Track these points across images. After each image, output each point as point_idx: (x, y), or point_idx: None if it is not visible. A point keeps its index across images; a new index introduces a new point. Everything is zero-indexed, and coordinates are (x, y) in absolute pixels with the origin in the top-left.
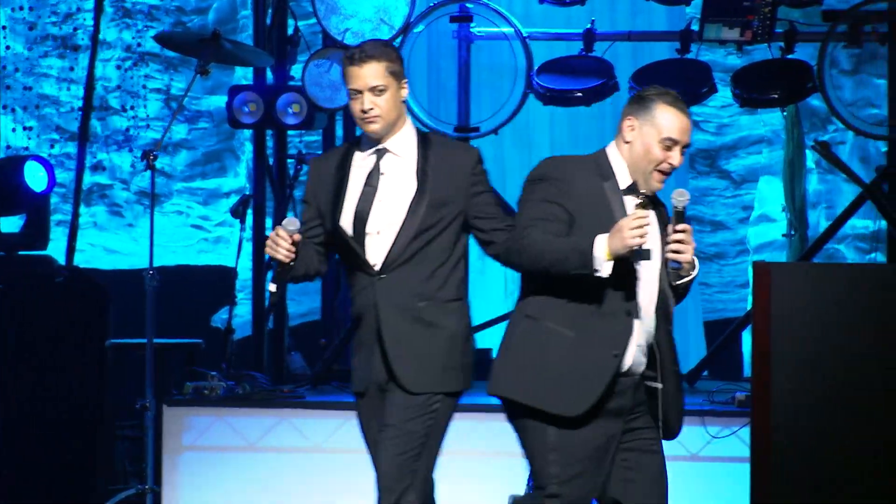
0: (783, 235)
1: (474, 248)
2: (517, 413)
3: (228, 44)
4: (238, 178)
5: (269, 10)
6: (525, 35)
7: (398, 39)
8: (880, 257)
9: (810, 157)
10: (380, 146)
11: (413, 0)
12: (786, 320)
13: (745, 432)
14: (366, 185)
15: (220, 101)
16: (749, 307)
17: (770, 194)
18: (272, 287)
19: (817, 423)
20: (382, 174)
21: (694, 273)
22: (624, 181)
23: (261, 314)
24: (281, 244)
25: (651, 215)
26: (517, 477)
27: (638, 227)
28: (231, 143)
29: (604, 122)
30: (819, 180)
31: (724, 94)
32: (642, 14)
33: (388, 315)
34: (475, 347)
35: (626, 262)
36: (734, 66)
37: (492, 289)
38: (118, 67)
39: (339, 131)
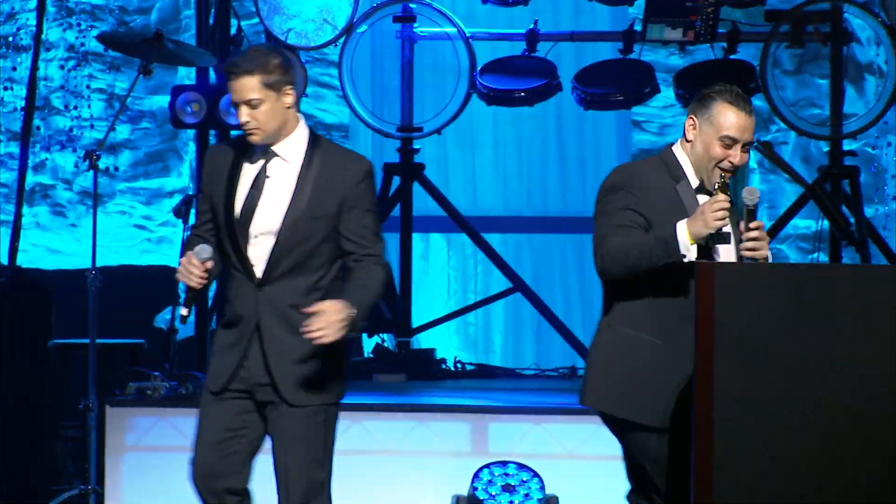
0: None
1: (417, 247)
2: (617, 425)
3: (171, 44)
4: (181, 178)
5: (212, 10)
6: (468, 35)
7: (341, 39)
8: (822, 257)
9: (752, 158)
10: (270, 148)
11: (356, 0)
12: (728, 320)
13: None
14: (252, 186)
15: (162, 101)
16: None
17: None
18: (184, 311)
19: (760, 423)
20: (268, 177)
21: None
22: (694, 180)
23: (203, 314)
24: (193, 272)
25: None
26: (462, 478)
27: (720, 209)
28: (174, 143)
29: (546, 121)
30: (761, 180)
31: (666, 94)
32: (585, 14)
33: (269, 325)
34: (351, 357)
35: (708, 252)
36: (677, 67)
37: (434, 289)
38: (61, 67)
39: None
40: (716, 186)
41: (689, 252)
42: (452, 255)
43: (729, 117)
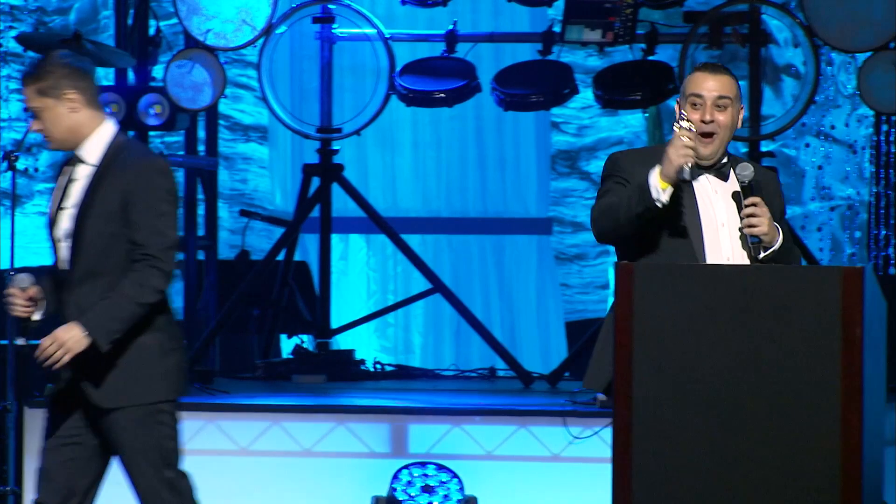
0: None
1: (336, 247)
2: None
3: (90, 44)
4: None
5: (131, 11)
6: (387, 36)
7: (260, 40)
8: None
9: None
10: (75, 152)
11: (275, 1)
12: (648, 320)
13: (607, 433)
14: (63, 191)
15: None
16: (610, 308)
17: None
18: (20, 341)
19: (679, 424)
20: (74, 181)
21: (777, 243)
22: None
23: None
24: (16, 303)
25: (721, 186)
26: (381, 479)
27: (682, 145)
28: None
29: (466, 122)
30: None
31: (585, 95)
32: (504, 15)
33: None
34: (178, 355)
35: (699, 232)
36: (595, 68)
37: (354, 290)
38: None
39: (202, 132)
40: (678, 127)
41: (662, 195)
42: (372, 256)
43: (695, 78)
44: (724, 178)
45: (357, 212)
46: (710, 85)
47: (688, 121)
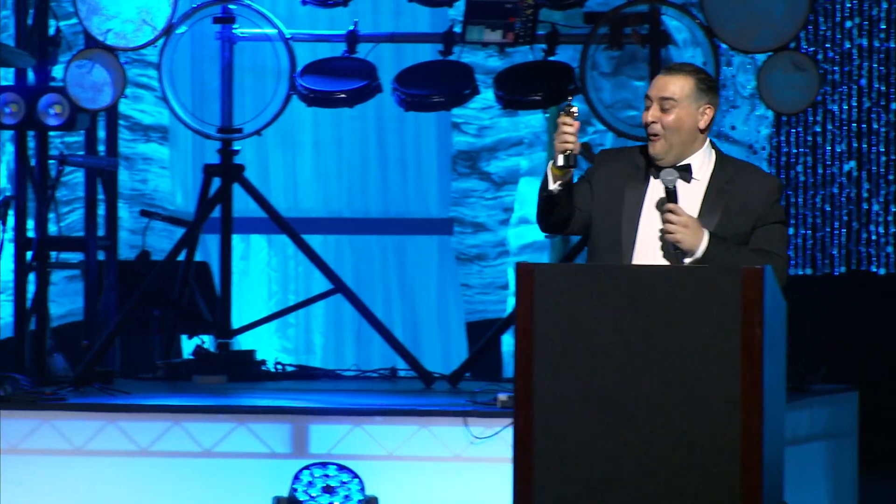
0: (546, 237)
1: (237, 248)
2: None
3: None
4: None
5: (31, 11)
6: (288, 36)
7: (161, 40)
8: None
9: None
10: None
11: (176, 1)
12: (548, 321)
13: (508, 433)
14: None
15: None
16: (510, 309)
17: (530, 196)
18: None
19: (580, 425)
20: None
21: (699, 251)
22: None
23: (22, 315)
24: (567, 131)
25: (686, 189)
26: (282, 479)
27: (562, 132)
28: None
29: (366, 122)
30: None
31: (485, 95)
32: (405, 16)
33: None
34: None
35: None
36: (496, 68)
37: (255, 290)
38: None
39: (102, 132)
40: (562, 111)
41: (550, 179)
42: (273, 257)
43: (656, 79)
44: (687, 179)
45: (258, 212)
46: (658, 85)
47: (570, 107)
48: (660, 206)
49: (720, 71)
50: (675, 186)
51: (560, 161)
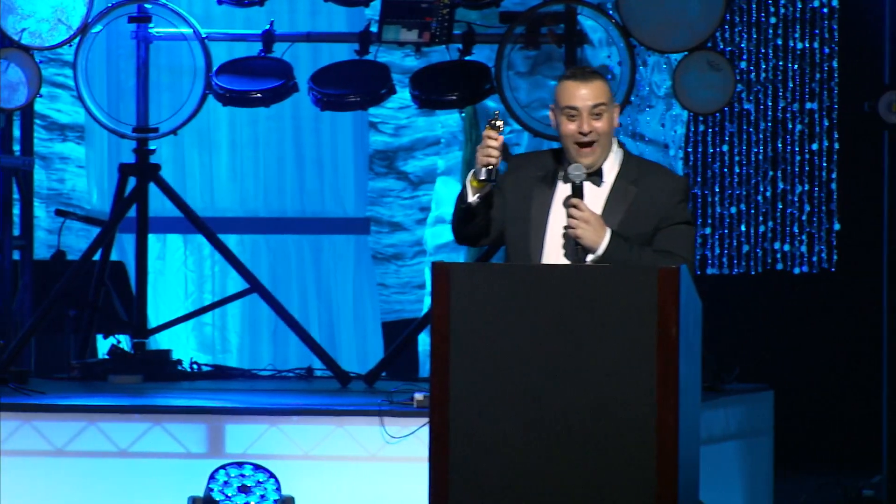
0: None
1: (154, 247)
2: None
3: None
4: None
5: None
6: (204, 36)
7: (76, 39)
8: None
9: None
10: None
11: (91, 0)
12: (464, 321)
13: (424, 432)
14: None
15: None
16: (426, 308)
17: (447, 196)
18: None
19: (496, 424)
20: None
21: (601, 249)
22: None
23: None
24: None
25: (592, 189)
26: (198, 479)
27: (485, 146)
28: None
29: (283, 122)
30: None
31: (402, 95)
32: (322, 15)
33: None
34: None
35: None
36: (413, 68)
37: (171, 290)
38: None
39: (17, 131)
40: (488, 123)
41: (468, 192)
42: (189, 256)
43: (567, 88)
44: (598, 183)
45: (175, 211)
46: (583, 94)
47: (495, 122)
48: (566, 202)
49: (636, 70)
50: (581, 182)
51: (482, 175)
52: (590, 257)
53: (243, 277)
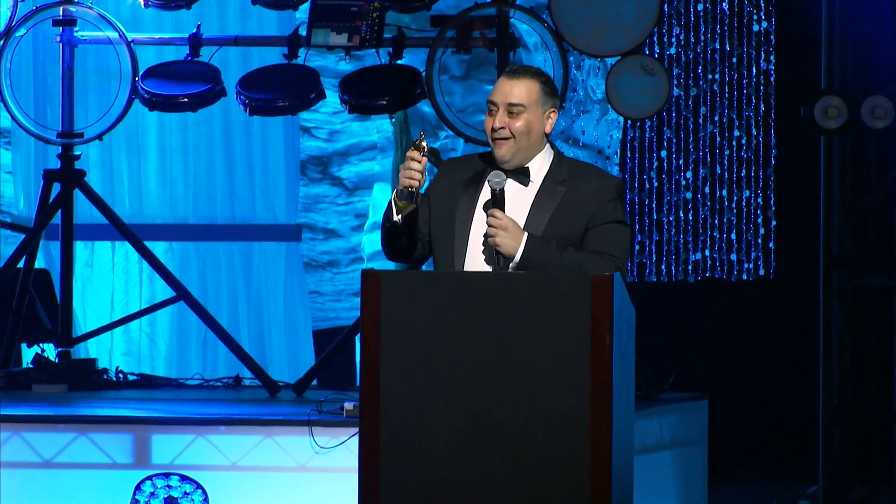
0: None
1: (82, 254)
2: None
3: None
4: None
5: None
6: (130, 40)
7: (0, 43)
8: None
9: None
10: None
11: (16, 3)
12: (395, 329)
13: (354, 443)
14: None
15: None
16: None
17: (383, 202)
18: None
19: (426, 435)
20: None
21: (517, 256)
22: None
23: None
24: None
25: (517, 191)
26: (124, 490)
27: (406, 167)
28: None
29: (213, 127)
30: None
31: (334, 99)
32: (252, 18)
33: None
34: None
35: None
36: (347, 72)
37: (99, 298)
38: None
39: None
40: (413, 144)
41: (393, 211)
42: (118, 263)
43: (496, 83)
44: (525, 183)
45: (103, 218)
46: (504, 91)
47: (419, 142)
48: (486, 209)
49: (569, 75)
50: (501, 189)
51: (403, 196)
52: (512, 265)
53: (170, 285)
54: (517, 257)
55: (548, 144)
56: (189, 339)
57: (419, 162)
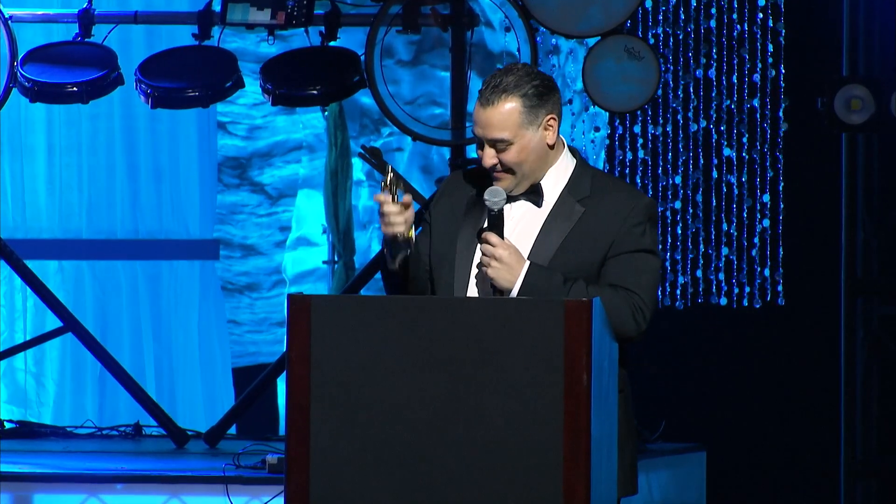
0: (324, 262)
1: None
2: None
3: None
4: None
5: None
6: (7, 16)
7: None
8: None
9: (359, 167)
10: None
11: None
12: (328, 364)
13: (279, 503)
14: None
15: None
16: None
17: (311, 212)
18: None
19: (367, 492)
20: None
21: (514, 289)
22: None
23: None
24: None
25: (531, 213)
26: None
27: (384, 213)
28: None
29: (112, 122)
30: (370, 195)
31: (256, 89)
32: None
33: None
34: None
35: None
36: (269, 56)
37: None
38: None
39: None
40: (383, 183)
41: (391, 263)
42: None
43: (475, 109)
44: (538, 203)
45: None
46: (481, 123)
47: (386, 182)
48: (478, 235)
49: (537, 58)
50: (500, 210)
51: (391, 250)
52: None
53: (56, 314)
54: (514, 291)
55: (566, 152)
56: (83, 379)
57: (394, 206)
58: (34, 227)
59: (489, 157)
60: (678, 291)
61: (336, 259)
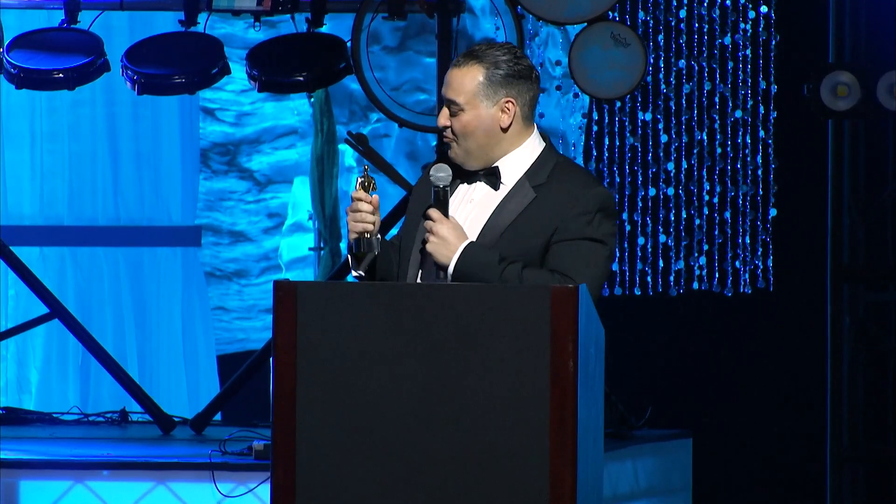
0: (310, 249)
1: None
2: None
3: None
4: None
5: None
6: None
7: None
8: None
9: (350, 153)
10: None
11: None
12: (315, 352)
13: (265, 490)
14: None
15: None
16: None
17: (304, 198)
18: None
19: (353, 479)
20: None
21: (451, 266)
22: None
23: None
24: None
25: (485, 194)
26: None
27: (353, 209)
28: None
29: (96, 108)
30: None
31: (243, 75)
32: None
33: None
34: None
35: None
36: (257, 42)
37: None
38: None
39: None
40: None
41: (357, 269)
42: None
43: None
44: (495, 185)
45: None
46: (446, 81)
47: (364, 180)
48: (423, 212)
49: (524, 45)
50: (445, 186)
51: (356, 248)
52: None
53: (41, 300)
54: (450, 267)
55: (534, 138)
56: (66, 365)
57: (368, 202)
58: (15, 213)
59: (443, 117)
60: (671, 278)
61: (322, 245)
